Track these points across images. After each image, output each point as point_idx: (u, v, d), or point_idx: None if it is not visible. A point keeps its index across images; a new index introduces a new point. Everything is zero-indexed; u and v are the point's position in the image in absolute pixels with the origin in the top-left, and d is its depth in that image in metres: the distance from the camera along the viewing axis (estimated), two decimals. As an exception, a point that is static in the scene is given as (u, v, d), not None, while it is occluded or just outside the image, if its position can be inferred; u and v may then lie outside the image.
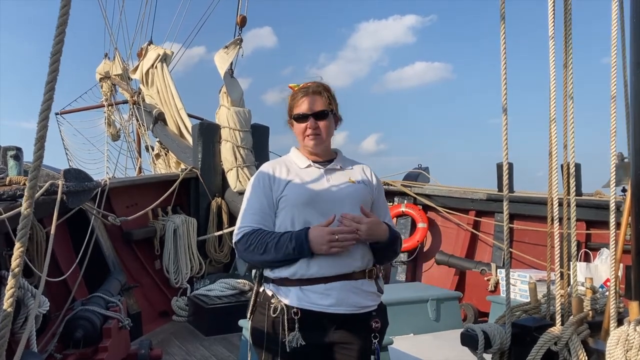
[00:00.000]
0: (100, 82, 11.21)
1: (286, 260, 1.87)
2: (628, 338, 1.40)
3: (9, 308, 0.86)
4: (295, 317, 1.85)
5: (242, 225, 1.96)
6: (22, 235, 0.87)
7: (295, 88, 2.07)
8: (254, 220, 1.94)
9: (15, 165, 3.59)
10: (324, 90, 2.04)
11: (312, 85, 2.04)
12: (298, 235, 1.85)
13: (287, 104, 2.10)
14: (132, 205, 6.22)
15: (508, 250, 1.92)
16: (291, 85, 2.10)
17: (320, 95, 2.01)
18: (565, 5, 1.77)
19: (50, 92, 0.87)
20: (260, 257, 1.89)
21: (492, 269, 5.71)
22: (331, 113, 2.03)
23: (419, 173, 7.74)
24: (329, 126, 2.02)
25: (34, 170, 0.88)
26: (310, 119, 1.99)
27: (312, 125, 1.98)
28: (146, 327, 5.52)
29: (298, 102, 2.02)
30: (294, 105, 2.03)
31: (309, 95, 2.01)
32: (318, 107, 1.99)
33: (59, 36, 0.87)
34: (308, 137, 2.00)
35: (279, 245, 1.85)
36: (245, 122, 7.23)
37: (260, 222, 1.94)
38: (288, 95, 2.10)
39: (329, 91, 2.05)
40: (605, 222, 1.98)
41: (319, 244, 1.82)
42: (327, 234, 1.81)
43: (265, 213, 1.95)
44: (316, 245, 1.82)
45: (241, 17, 7.20)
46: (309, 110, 1.99)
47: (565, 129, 1.80)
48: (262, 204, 1.96)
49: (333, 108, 2.04)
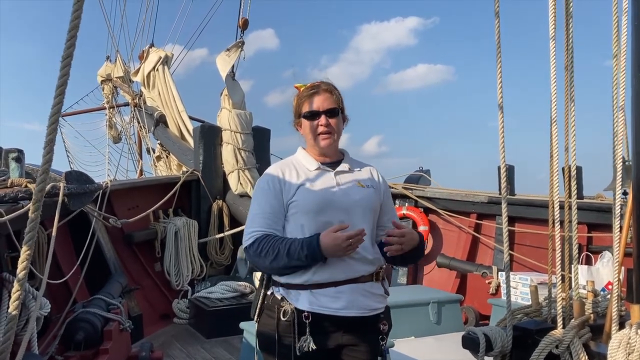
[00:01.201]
0: (101, 84, 11.24)
1: (297, 267, 1.84)
2: (630, 341, 1.40)
3: (15, 311, 0.86)
4: (307, 320, 1.84)
5: (253, 230, 1.92)
6: (30, 239, 0.87)
7: (301, 88, 2.05)
8: (266, 224, 1.91)
9: (17, 168, 3.59)
10: (334, 89, 2.03)
11: (321, 85, 2.02)
12: (309, 243, 1.81)
13: (292, 104, 2.07)
14: (133, 208, 6.22)
15: (508, 253, 1.92)
16: (297, 85, 2.07)
17: (331, 93, 2.00)
18: (567, 6, 1.77)
19: (61, 95, 0.87)
20: (271, 264, 1.85)
21: (493, 271, 5.71)
22: (341, 112, 2.03)
23: (420, 176, 7.74)
24: (339, 124, 2.02)
25: (43, 173, 0.89)
26: (322, 116, 1.96)
27: (325, 122, 1.96)
28: (147, 330, 5.52)
29: (308, 100, 1.99)
30: (303, 104, 2.00)
31: (320, 93, 1.99)
32: (330, 104, 1.98)
33: (71, 40, 0.87)
34: (321, 136, 1.97)
35: (291, 252, 1.81)
36: (246, 124, 7.24)
37: (272, 226, 1.91)
38: (294, 96, 2.07)
39: (337, 90, 2.04)
40: (607, 225, 1.98)
41: (334, 251, 1.79)
42: (344, 240, 1.77)
43: (276, 217, 1.93)
44: (332, 252, 1.79)
45: (243, 19, 7.22)
46: (321, 108, 1.97)
47: (567, 131, 1.80)
48: (273, 207, 1.93)
49: (342, 107, 2.04)
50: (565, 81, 1.80)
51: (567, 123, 1.80)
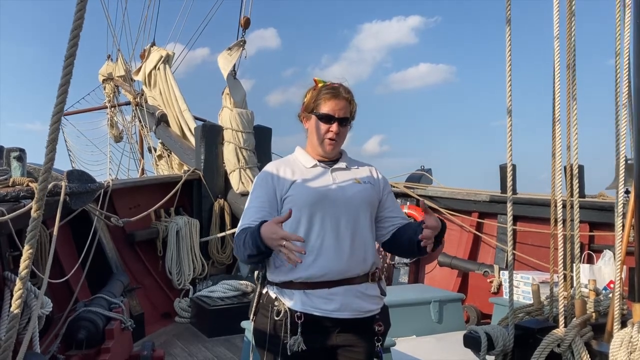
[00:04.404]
0: (103, 83, 11.26)
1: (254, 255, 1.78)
2: (631, 340, 1.40)
3: (17, 310, 0.86)
4: (299, 321, 1.84)
5: (240, 225, 1.93)
6: (32, 238, 0.87)
7: (320, 84, 2.03)
8: (253, 219, 1.90)
9: (19, 167, 3.59)
10: (353, 98, 2.02)
11: (343, 90, 2.00)
12: (253, 230, 1.75)
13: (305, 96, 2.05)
14: (134, 207, 6.23)
15: (512, 252, 1.92)
16: (316, 79, 2.05)
17: (349, 103, 2.00)
18: (570, 5, 1.77)
19: (63, 95, 0.88)
20: (242, 255, 1.84)
21: (494, 270, 5.71)
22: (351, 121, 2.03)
23: (422, 175, 7.74)
24: (346, 132, 2.03)
25: (45, 172, 0.88)
26: (335, 122, 1.96)
27: (336, 130, 1.96)
28: (149, 329, 5.53)
29: (326, 101, 1.97)
30: (320, 102, 1.98)
31: (340, 99, 1.97)
32: (345, 113, 1.98)
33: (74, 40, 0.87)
34: (328, 141, 1.98)
35: (246, 241, 1.79)
36: (247, 123, 7.25)
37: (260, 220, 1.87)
38: (309, 88, 2.05)
39: (354, 100, 2.03)
40: (609, 224, 1.98)
41: (269, 240, 1.69)
42: (278, 237, 1.66)
43: (265, 211, 1.91)
44: (268, 242, 1.70)
45: (245, 18, 7.22)
46: (337, 114, 1.96)
47: (569, 130, 1.79)
48: (263, 202, 1.93)
49: (354, 117, 2.05)
50: (567, 80, 1.80)
51: (569, 121, 1.80)
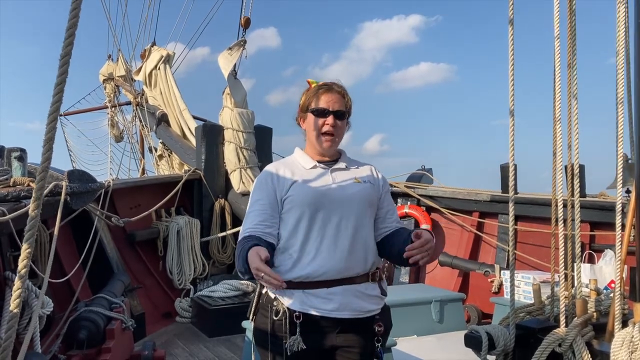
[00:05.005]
0: (103, 83, 11.28)
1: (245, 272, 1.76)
2: (633, 340, 1.40)
3: (16, 309, 0.86)
4: (297, 320, 1.83)
5: (242, 230, 1.93)
6: (30, 237, 0.87)
7: (313, 84, 2.05)
8: (255, 222, 1.90)
9: (19, 167, 3.60)
10: (346, 93, 2.03)
11: (335, 85, 2.02)
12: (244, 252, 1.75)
13: (300, 99, 2.06)
14: (135, 207, 6.24)
15: (513, 252, 1.92)
16: (310, 80, 2.07)
17: (343, 96, 2.00)
18: (570, 5, 1.76)
19: (59, 94, 0.87)
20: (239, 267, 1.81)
21: (495, 270, 5.70)
22: (347, 117, 2.03)
23: (422, 174, 7.74)
24: (343, 128, 2.02)
25: (42, 171, 0.88)
26: (330, 115, 1.96)
27: (332, 122, 1.96)
28: (149, 328, 5.53)
29: (319, 97, 1.98)
30: (313, 99, 1.99)
31: (333, 93, 1.98)
32: (340, 106, 1.98)
33: (69, 38, 0.87)
34: (324, 136, 1.97)
35: (240, 257, 1.78)
36: (248, 123, 7.25)
37: (262, 222, 1.90)
38: (303, 91, 2.06)
39: (348, 95, 2.04)
40: (610, 223, 1.97)
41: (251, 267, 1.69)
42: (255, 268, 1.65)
43: (267, 214, 1.91)
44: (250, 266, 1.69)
45: (245, 18, 7.22)
46: (331, 107, 1.96)
47: (570, 130, 1.79)
48: (264, 205, 1.93)
49: (350, 112, 2.04)
50: (568, 79, 1.79)
51: (570, 121, 1.79)
